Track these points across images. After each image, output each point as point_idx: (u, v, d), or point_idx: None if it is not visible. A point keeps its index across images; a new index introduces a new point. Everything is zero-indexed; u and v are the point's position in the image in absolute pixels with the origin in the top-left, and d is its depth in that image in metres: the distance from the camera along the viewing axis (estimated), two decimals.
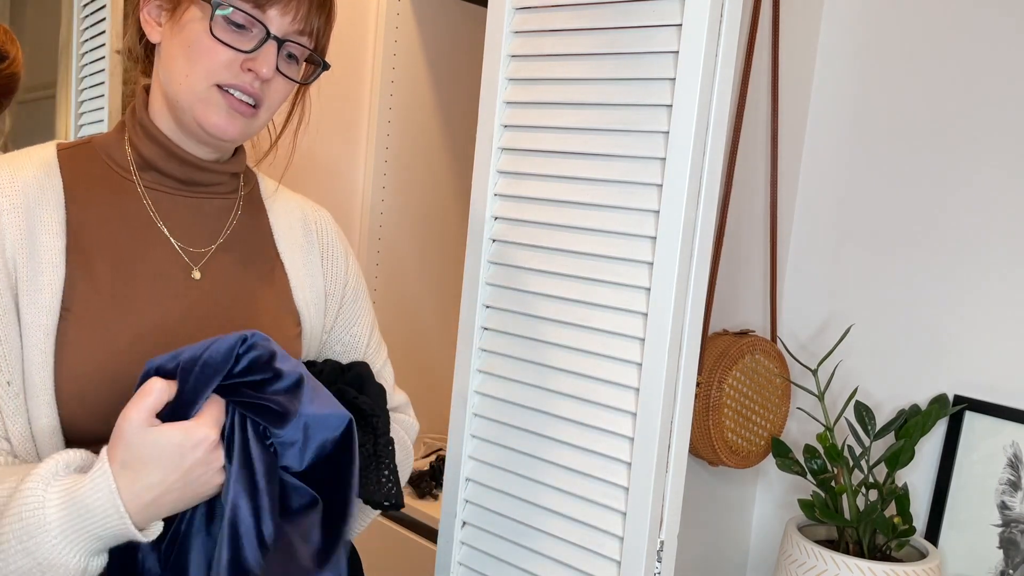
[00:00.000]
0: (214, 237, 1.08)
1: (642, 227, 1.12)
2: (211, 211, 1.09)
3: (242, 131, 1.03)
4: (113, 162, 1.05)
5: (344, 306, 1.19)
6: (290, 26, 1.01)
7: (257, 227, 1.13)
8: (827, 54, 1.67)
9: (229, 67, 0.99)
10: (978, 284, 1.50)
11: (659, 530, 1.13)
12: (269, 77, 1.00)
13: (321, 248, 1.18)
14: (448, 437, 1.34)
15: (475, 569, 1.30)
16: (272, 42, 1.00)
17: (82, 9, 2.06)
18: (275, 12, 0.99)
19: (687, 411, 1.13)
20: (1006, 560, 1.45)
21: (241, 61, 0.99)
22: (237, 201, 1.12)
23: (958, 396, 1.52)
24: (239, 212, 1.12)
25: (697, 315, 1.11)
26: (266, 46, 0.99)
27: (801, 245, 1.71)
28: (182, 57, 1.00)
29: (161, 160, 1.05)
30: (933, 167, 1.55)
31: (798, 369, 1.64)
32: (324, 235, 1.19)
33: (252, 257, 1.11)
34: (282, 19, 1.00)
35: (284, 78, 1.03)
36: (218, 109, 1.00)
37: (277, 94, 1.04)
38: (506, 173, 1.27)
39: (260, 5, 0.99)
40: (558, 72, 1.21)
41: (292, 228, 1.16)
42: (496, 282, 1.28)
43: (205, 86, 0.99)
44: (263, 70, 0.99)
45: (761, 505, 1.77)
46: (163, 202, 1.06)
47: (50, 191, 0.99)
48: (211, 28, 0.98)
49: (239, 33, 0.99)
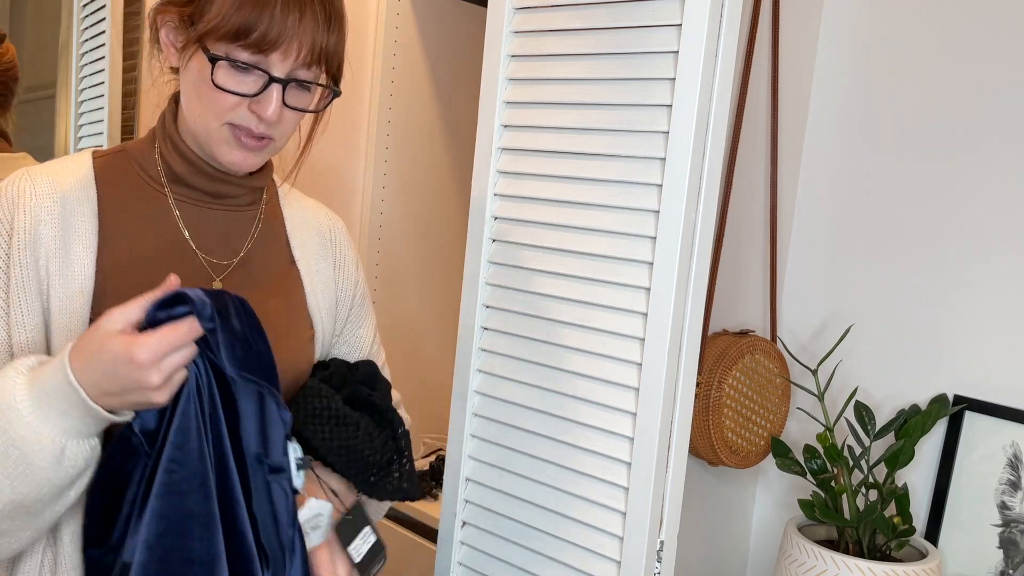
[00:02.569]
0: (237, 249, 1.11)
1: (642, 227, 1.12)
2: (235, 223, 1.12)
3: (259, 162, 1.06)
4: (145, 173, 1.07)
5: (353, 310, 1.22)
6: (294, 64, 1.00)
7: (275, 237, 1.16)
8: (827, 54, 1.67)
9: (236, 109, 1.00)
10: (978, 284, 1.50)
11: (659, 530, 1.13)
12: (274, 120, 1.01)
13: (334, 256, 1.20)
14: (448, 437, 1.34)
15: (475, 569, 1.30)
16: (275, 85, 0.99)
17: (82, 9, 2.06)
18: (276, 57, 0.99)
19: (687, 411, 1.13)
20: (1006, 560, 1.45)
21: (247, 103, 1.00)
22: (259, 213, 1.15)
23: (958, 396, 1.52)
24: (260, 224, 1.14)
25: (697, 315, 1.11)
26: (270, 89, 0.99)
27: (801, 245, 1.71)
28: (193, 97, 1.02)
29: (190, 175, 1.07)
30: (933, 167, 1.55)
31: (798, 369, 1.64)
32: (337, 243, 1.22)
33: (270, 266, 1.13)
34: (284, 61, 0.99)
35: (293, 111, 1.03)
36: (231, 146, 1.02)
37: (288, 124, 1.04)
38: (506, 173, 1.27)
39: (261, 50, 0.97)
40: (558, 72, 1.21)
41: (308, 237, 1.18)
42: (496, 282, 1.28)
43: (217, 125, 1.01)
44: (267, 113, 0.99)
45: (761, 505, 1.77)
46: (191, 215, 1.08)
47: (86, 203, 1.02)
48: (212, 77, 0.98)
49: (243, 76, 0.99)
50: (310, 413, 1.05)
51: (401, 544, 2.06)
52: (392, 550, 1.23)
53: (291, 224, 1.18)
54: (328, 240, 1.21)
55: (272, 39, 0.97)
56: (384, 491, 1.10)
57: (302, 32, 0.98)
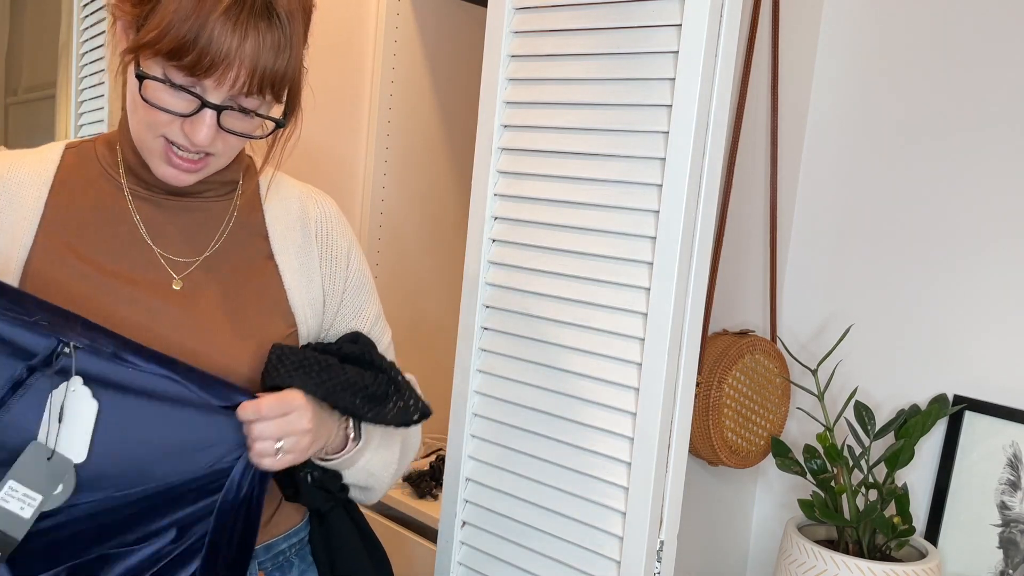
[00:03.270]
0: (202, 247, 1.05)
1: (642, 227, 1.12)
2: (202, 219, 1.06)
3: (195, 179, 1.00)
4: (107, 167, 1.03)
5: (345, 300, 1.15)
6: (229, 92, 0.92)
7: (251, 232, 1.09)
8: (827, 54, 1.67)
9: (169, 125, 0.94)
10: (978, 284, 1.50)
11: (659, 530, 1.13)
12: (205, 144, 0.94)
13: (320, 247, 1.12)
14: (448, 437, 1.34)
15: (475, 569, 1.30)
16: (208, 110, 0.92)
17: (82, 9, 2.05)
18: (210, 83, 0.90)
19: (687, 411, 1.13)
20: (1006, 560, 1.46)
21: (180, 122, 0.93)
22: (232, 206, 1.08)
23: (958, 396, 1.52)
24: (233, 219, 1.08)
25: (697, 315, 1.11)
26: (201, 113, 0.92)
27: (801, 245, 1.71)
28: (130, 105, 0.96)
29: (142, 168, 1.02)
30: (933, 167, 1.55)
31: (798, 369, 1.64)
32: (324, 232, 1.13)
33: (243, 264, 1.07)
34: (218, 88, 0.91)
35: (234, 135, 0.96)
36: (163, 162, 0.97)
37: (228, 146, 0.98)
38: (506, 173, 1.27)
39: (194, 74, 0.90)
40: (558, 72, 1.21)
41: (290, 229, 1.11)
42: (496, 282, 1.28)
43: (151, 137, 0.95)
44: (197, 138, 0.93)
45: (761, 505, 1.77)
46: (148, 209, 1.03)
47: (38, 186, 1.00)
48: (141, 93, 0.92)
49: (177, 95, 0.92)
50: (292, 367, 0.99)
51: (401, 544, 2.06)
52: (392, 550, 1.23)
53: (271, 217, 1.10)
54: (312, 230, 1.12)
55: (206, 64, 0.89)
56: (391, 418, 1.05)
57: (242, 58, 0.90)
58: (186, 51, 0.88)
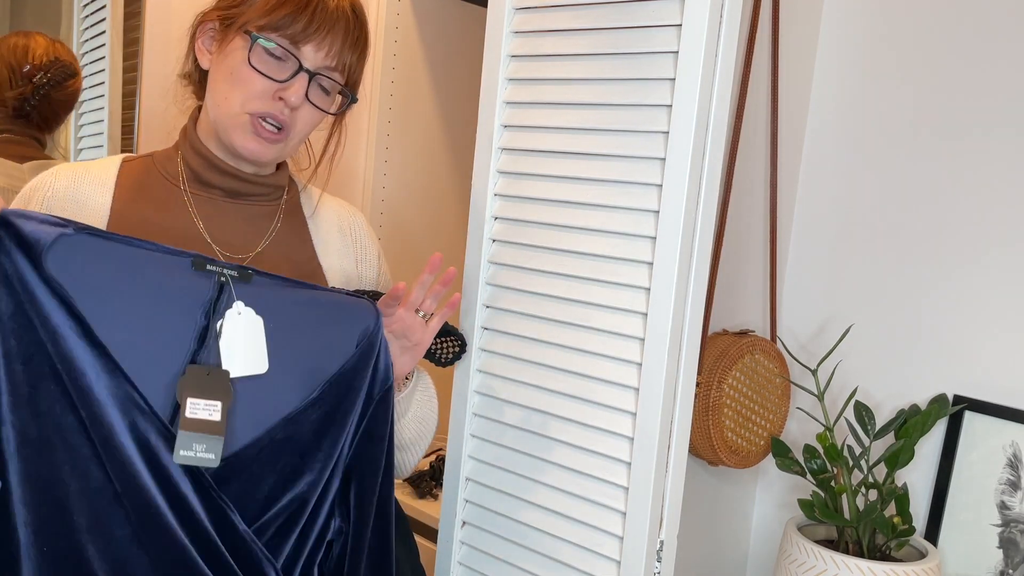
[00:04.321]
0: (254, 244, 1.18)
1: (642, 227, 1.12)
2: (253, 220, 1.19)
3: (273, 154, 1.14)
4: (167, 173, 1.17)
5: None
6: (323, 61, 1.11)
7: (297, 234, 1.23)
8: (827, 54, 1.67)
9: (262, 96, 1.10)
10: (978, 284, 1.50)
11: (659, 530, 1.13)
12: (297, 105, 1.11)
13: (356, 252, 1.28)
14: (448, 437, 1.34)
15: (475, 569, 1.30)
16: (303, 74, 1.10)
17: (82, 9, 2.05)
18: (310, 48, 1.10)
19: (687, 411, 1.13)
20: (1006, 560, 1.46)
21: (274, 90, 1.10)
22: (279, 210, 1.22)
23: (958, 396, 1.52)
24: (280, 221, 1.21)
25: (697, 315, 1.11)
26: (298, 77, 1.10)
27: (801, 245, 1.71)
28: (224, 81, 1.11)
29: (206, 171, 1.16)
30: (933, 167, 1.55)
31: (798, 369, 1.64)
32: (358, 239, 1.29)
33: (290, 262, 1.20)
34: (316, 54, 1.11)
35: (313, 107, 1.13)
36: (247, 134, 1.11)
37: (304, 122, 1.14)
38: (506, 173, 1.27)
39: (296, 41, 1.09)
40: (558, 72, 1.21)
41: (330, 235, 1.26)
42: (496, 282, 1.28)
43: (239, 111, 1.10)
44: (292, 98, 1.10)
45: (761, 505, 1.77)
46: (207, 209, 1.16)
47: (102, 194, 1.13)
48: (249, 57, 1.09)
49: (275, 63, 1.10)
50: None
51: None
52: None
53: (314, 225, 1.25)
54: (349, 237, 1.27)
55: (309, 33, 1.09)
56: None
57: (334, 35, 1.11)
58: (293, 22, 1.08)
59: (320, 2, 1.10)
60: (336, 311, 1.08)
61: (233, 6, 1.12)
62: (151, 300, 0.99)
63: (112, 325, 0.96)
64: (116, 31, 2.01)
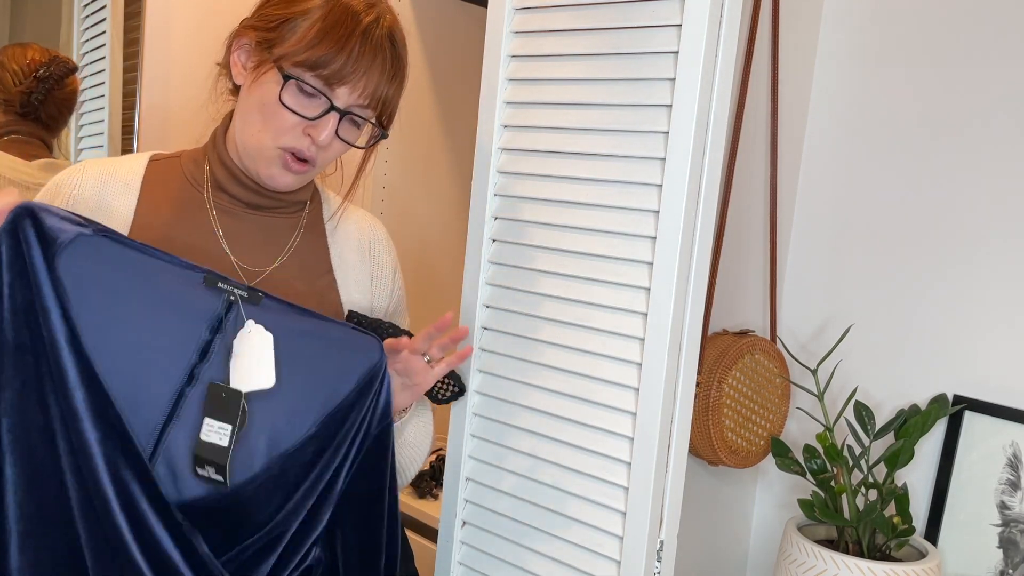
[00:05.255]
0: (272, 258, 1.19)
1: (642, 227, 1.12)
2: (274, 232, 1.20)
3: (294, 183, 1.15)
4: (192, 178, 1.18)
5: (387, 315, 1.30)
6: (355, 100, 1.11)
7: (315, 248, 1.23)
8: (827, 54, 1.67)
9: (292, 131, 1.10)
10: (978, 284, 1.50)
11: (659, 530, 1.13)
12: (326, 145, 1.11)
13: (372, 267, 1.28)
14: (448, 437, 1.34)
15: (475, 569, 1.30)
16: (334, 113, 1.10)
17: (82, 9, 2.06)
18: (344, 89, 1.09)
19: (687, 411, 1.13)
20: (1005, 560, 1.46)
21: (304, 126, 1.10)
22: (299, 224, 1.23)
23: (958, 396, 1.52)
24: (299, 235, 1.22)
25: (697, 315, 1.11)
26: (328, 116, 1.10)
27: (801, 245, 1.71)
28: (255, 112, 1.11)
29: (229, 184, 1.16)
30: (933, 167, 1.55)
31: (798, 369, 1.64)
32: (376, 254, 1.29)
33: (307, 276, 1.21)
34: (349, 95, 1.10)
35: (341, 142, 1.13)
36: (277, 168, 1.12)
37: (331, 154, 1.14)
38: (506, 173, 1.27)
39: (330, 84, 1.08)
40: (558, 72, 1.21)
41: (348, 250, 1.26)
42: (496, 282, 1.28)
43: (272, 146, 1.11)
44: (320, 137, 1.10)
45: (761, 505, 1.77)
46: (228, 220, 1.17)
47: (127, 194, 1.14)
48: (280, 95, 1.08)
49: (307, 100, 1.09)
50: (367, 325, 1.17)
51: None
52: None
53: (332, 240, 1.25)
54: (367, 252, 1.28)
55: (344, 75, 1.07)
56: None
57: (369, 76, 1.09)
58: (330, 63, 1.07)
59: (360, 38, 1.08)
60: (341, 344, 1.08)
61: (271, 29, 1.10)
62: (155, 309, 1.00)
63: (107, 331, 0.97)
64: (116, 31, 2.01)
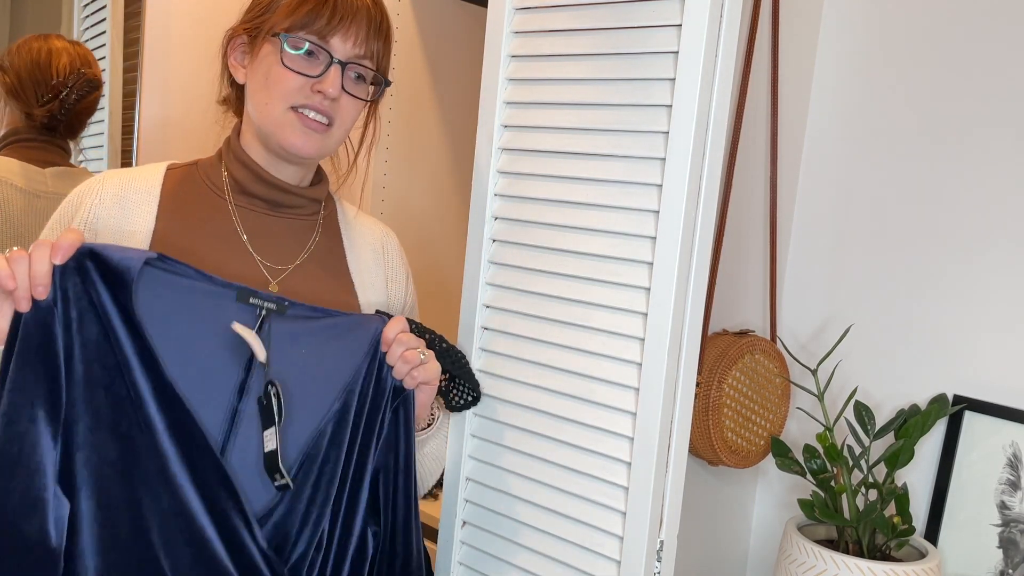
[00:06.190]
0: (294, 256, 1.22)
1: (642, 227, 1.12)
2: (294, 232, 1.23)
3: (319, 148, 1.18)
4: (211, 183, 1.21)
5: None
6: (352, 50, 1.15)
7: (332, 249, 1.27)
8: (827, 54, 1.67)
9: (301, 90, 1.14)
10: (978, 284, 1.50)
11: (659, 530, 1.13)
12: (336, 95, 1.14)
13: (386, 271, 1.32)
14: (448, 436, 1.34)
15: (475, 569, 1.30)
16: (336, 66, 1.14)
17: (82, 10, 2.06)
18: (337, 40, 1.14)
19: (687, 411, 1.13)
20: (1005, 560, 1.46)
21: (311, 84, 1.14)
22: (317, 224, 1.27)
23: (958, 396, 1.52)
24: (318, 235, 1.26)
25: (697, 315, 1.11)
26: (331, 69, 1.14)
27: (801, 245, 1.71)
28: (262, 88, 1.15)
29: (250, 183, 1.20)
30: (933, 167, 1.55)
31: (798, 369, 1.64)
32: (390, 261, 1.33)
33: (325, 276, 1.24)
34: (344, 45, 1.15)
35: (351, 97, 1.17)
36: (295, 129, 1.15)
37: (347, 112, 1.18)
38: (506, 173, 1.27)
39: (323, 36, 1.13)
40: (558, 72, 1.21)
41: (363, 252, 1.30)
42: (496, 282, 1.28)
43: (282, 109, 1.14)
44: (330, 89, 1.13)
45: (761, 505, 1.77)
46: (250, 220, 1.20)
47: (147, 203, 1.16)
48: (281, 58, 1.13)
49: (307, 61, 1.14)
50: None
51: None
52: None
53: (349, 242, 1.29)
54: (381, 256, 1.32)
55: (333, 25, 1.13)
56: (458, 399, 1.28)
57: (358, 22, 1.15)
58: (318, 14, 1.12)
59: None
60: (355, 326, 1.14)
61: (257, 16, 1.16)
62: (208, 331, 1.04)
63: (173, 359, 1.01)
64: (116, 31, 2.01)
